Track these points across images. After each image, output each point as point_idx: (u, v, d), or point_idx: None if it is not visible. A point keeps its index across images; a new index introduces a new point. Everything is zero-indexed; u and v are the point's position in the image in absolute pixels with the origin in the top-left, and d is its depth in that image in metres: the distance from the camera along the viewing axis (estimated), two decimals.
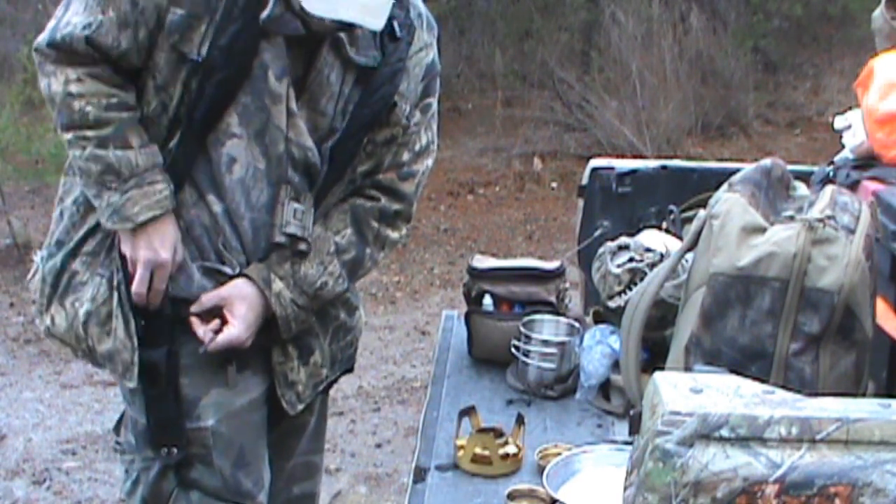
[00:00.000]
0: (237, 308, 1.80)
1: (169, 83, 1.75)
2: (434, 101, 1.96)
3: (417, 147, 1.93)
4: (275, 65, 1.75)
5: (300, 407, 1.95)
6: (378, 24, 1.71)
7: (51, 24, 1.76)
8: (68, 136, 1.76)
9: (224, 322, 1.81)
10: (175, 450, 1.82)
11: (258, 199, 1.80)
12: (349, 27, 1.75)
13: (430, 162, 1.97)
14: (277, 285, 1.82)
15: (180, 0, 1.71)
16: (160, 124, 1.77)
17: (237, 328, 1.80)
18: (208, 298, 1.81)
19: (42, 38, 1.76)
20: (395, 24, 1.83)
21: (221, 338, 1.79)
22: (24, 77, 6.78)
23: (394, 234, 1.95)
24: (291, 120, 1.78)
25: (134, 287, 1.77)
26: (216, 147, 1.77)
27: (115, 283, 1.80)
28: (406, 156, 1.92)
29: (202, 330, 1.79)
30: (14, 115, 6.24)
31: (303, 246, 1.84)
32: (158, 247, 1.76)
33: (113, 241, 1.81)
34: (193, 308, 1.80)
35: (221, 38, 1.71)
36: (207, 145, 1.77)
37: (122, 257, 1.80)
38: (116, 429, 2.02)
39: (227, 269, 1.82)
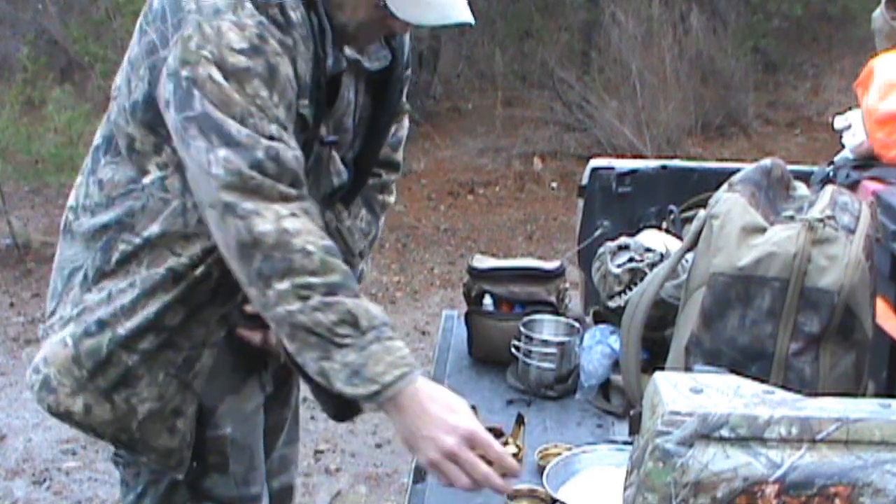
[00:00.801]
0: None
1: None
2: (409, 71, 1.95)
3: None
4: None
5: None
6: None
7: (221, 154, 1.45)
8: (283, 285, 1.46)
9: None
10: (194, 463, 1.75)
11: None
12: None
13: (406, 122, 1.99)
14: None
15: (303, 91, 1.59)
16: None
17: None
18: None
19: (234, 166, 1.46)
20: None
21: None
22: (23, 77, 6.79)
23: (391, 198, 2.01)
24: (328, 151, 1.76)
25: (477, 483, 1.52)
26: None
27: (186, 380, 1.70)
28: (393, 128, 1.95)
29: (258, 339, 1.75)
30: (14, 115, 6.25)
31: (355, 261, 1.87)
32: (458, 409, 1.51)
33: (170, 335, 1.65)
34: (248, 308, 1.70)
35: (336, 113, 1.71)
36: None
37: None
38: None
39: None
